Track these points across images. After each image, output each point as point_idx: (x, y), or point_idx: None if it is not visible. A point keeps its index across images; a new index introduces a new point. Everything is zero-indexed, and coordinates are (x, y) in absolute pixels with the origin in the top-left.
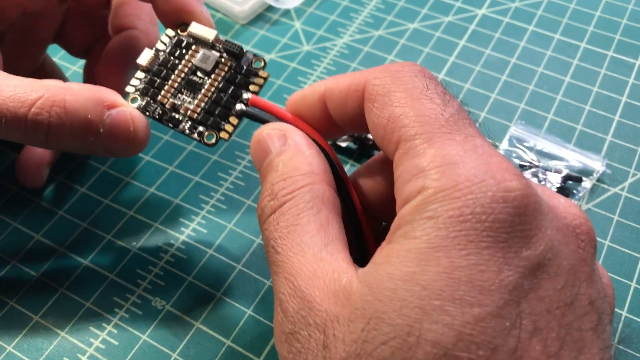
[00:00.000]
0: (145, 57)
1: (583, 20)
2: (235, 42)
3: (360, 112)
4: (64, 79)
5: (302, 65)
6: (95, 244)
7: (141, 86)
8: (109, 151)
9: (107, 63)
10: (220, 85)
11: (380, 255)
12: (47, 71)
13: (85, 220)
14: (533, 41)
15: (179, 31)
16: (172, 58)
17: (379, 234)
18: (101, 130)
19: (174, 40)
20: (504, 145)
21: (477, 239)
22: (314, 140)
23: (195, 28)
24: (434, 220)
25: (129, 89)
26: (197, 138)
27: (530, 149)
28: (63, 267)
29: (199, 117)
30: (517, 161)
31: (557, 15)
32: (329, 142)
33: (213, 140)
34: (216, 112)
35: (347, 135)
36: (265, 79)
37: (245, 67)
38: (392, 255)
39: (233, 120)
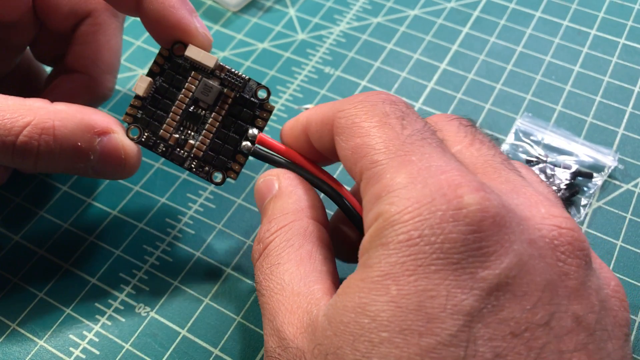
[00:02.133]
0: (142, 86)
1: (593, 5)
2: (239, 72)
3: (334, 144)
4: (42, 74)
5: (297, 54)
6: (76, 246)
7: (139, 116)
8: (98, 175)
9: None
10: (224, 120)
11: (342, 286)
12: (24, 68)
13: (66, 221)
14: (540, 28)
15: (174, 52)
16: (169, 86)
17: None
18: (91, 157)
19: (170, 65)
20: (509, 139)
21: (426, 262)
22: (310, 175)
23: (193, 53)
24: (385, 247)
25: (125, 118)
26: (204, 177)
27: (538, 143)
28: (42, 271)
29: (204, 156)
30: (523, 156)
31: (565, 1)
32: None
33: (219, 180)
34: (222, 151)
35: None
36: (270, 112)
37: (248, 99)
38: (349, 285)
39: (240, 159)
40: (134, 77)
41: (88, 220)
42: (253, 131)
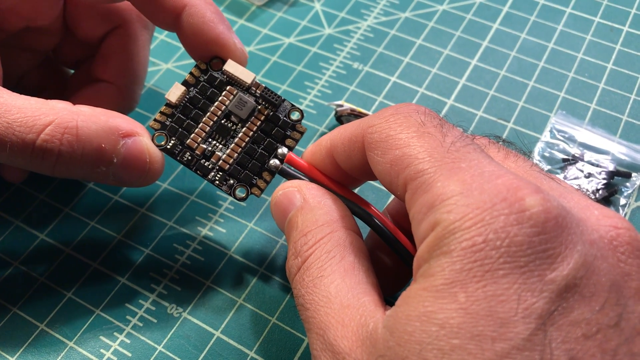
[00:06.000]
0: (175, 93)
1: (624, 2)
2: (275, 92)
3: (366, 162)
4: (64, 75)
5: (324, 49)
6: (103, 244)
7: (168, 124)
8: (119, 181)
9: None
10: (255, 136)
11: (402, 296)
12: (46, 69)
13: (92, 218)
14: (571, 25)
15: (211, 66)
16: (203, 97)
17: None
18: (115, 160)
19: (206, 77)
20: (545, 137)
21: (494, 267)
22: (338, 195)
23: (232, 67)
24: (448, 255)
25: (153, 124)
26: (227, 191)
27: (573, 141)
28: (69, 270)
29: (230, 169)
30: (560, 155)
31: None
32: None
33: (243, 195)
34: (249, 166)
35: None
36: (302, 133)
37: (282, 118)
38: (410, 295)
39: (267, 176)
40: (157, 71)
41: (115, 218)
42: (283, 150)
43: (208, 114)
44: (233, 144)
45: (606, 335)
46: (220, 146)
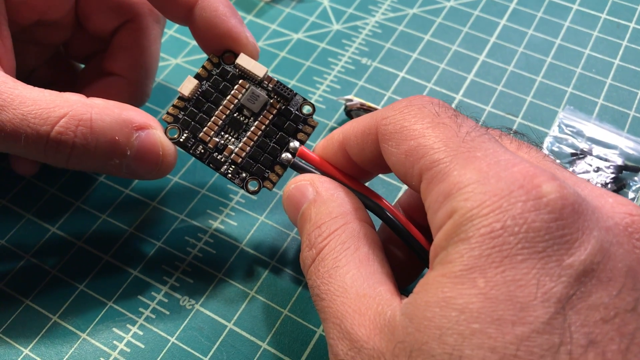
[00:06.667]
0: (188, 87)
1: None
2: (287, 86)
3: (379, 154)
4: (75, 69)
5: (332, 45)
6: (115, 237)
7: (181, 117)
8: (132, 174)
9: None
10: (267, 130)
11: (420, 284)
12: (57, 62)
13: (104, 212)
14: (578, 21)
15: (224, 60)
16: (215, 91)
17: None
18: (128, 153)
19: (219, 70)
20: (553, 131)
21: (512, 253)
22: (350, 189)
23: (244, 61)
24: (466, 242)
25: (166, 117)
26: (239, 184)
27: (582, 136)
28: (81, 263)
29: (243, 162)
30: (568, 149)
31: None
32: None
33: (255, 189)
34: (261, 159)
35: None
36: (314, 127)
37: (294, 112)
38: (428, 282)
39: (279, 170)
40: (167, 66)
41: (126, 211)
42: (294, 144)
43: (220, 107)
44: (245, 138)
45: (624, 319)
46: (233, 139)
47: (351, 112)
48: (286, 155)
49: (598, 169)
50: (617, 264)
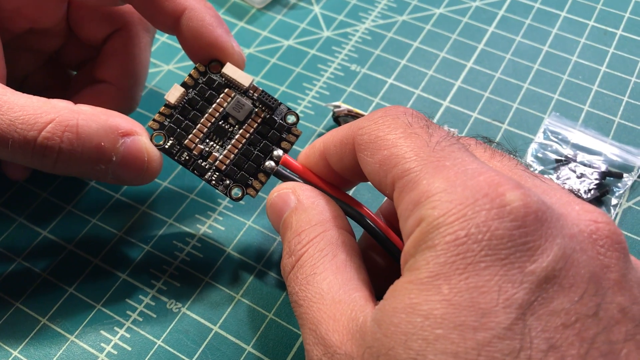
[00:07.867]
0: (174, 94)
1: (618, 6)
2: (272, 96)
3: (357, 164)
4: (67, 76)
5: (322, 52)
6: (105, 241)
7: (167, 124)
8: (118, 179)
9: None
10: (251, 138)
11: (389, 290)
12: (49, 69)
13: (94, 216)
14: (565, 28)
15: (210, 69)
16: (201, 99)
17: None
18: (114, 159)
19: (205, 79)
20: (538, 138)
21: (476, 260)
22: (331, 197)
23: (230, 71)
24: (432, 249)
25: (151, 124)
26: (223, 191)
27: (566, 142)
28: (71, 266)
29: (227, 170)
30: (553, 155)
31: (591, 1)
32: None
33: (239, 195)
34: (245, 167)
35: None
36: (297, 137)
37: (278, 121)
38: (397, 289)
39: (262, 177)
40: (158, 72)
41: (116, 215)
42: (278, 152)
43: (206, 115)
44: (230, 145)
45: (585, 325)
46: (217, 147)
47: (339, 119)
48: (269, 164)
49: (582, 175)
50: (579, 270)
